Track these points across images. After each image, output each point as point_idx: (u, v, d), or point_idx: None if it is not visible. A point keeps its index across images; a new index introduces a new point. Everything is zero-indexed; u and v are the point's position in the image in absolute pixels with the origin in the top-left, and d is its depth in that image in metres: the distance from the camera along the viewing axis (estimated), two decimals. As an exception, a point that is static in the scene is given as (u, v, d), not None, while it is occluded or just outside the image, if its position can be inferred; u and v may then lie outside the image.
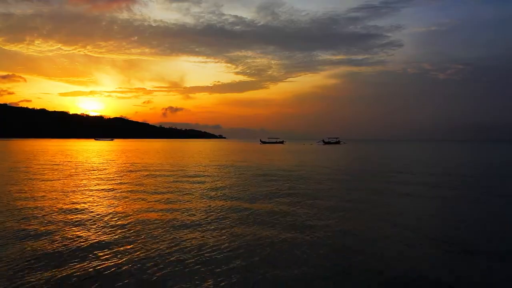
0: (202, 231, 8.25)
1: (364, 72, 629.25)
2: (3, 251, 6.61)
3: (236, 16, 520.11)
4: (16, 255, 6.41)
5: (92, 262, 6.19)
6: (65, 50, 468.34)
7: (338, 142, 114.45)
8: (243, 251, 6.90)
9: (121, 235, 7.83)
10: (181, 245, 7.18)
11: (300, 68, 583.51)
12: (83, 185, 15.98)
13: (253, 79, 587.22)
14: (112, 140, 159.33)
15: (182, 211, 10.46)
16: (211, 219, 9.48)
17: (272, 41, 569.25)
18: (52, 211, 10.26)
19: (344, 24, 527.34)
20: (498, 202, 13.11)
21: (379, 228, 8.95)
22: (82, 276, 5.60)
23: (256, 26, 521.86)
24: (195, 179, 18.68)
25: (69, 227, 8.47)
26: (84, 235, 7.80)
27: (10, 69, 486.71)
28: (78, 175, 20.18)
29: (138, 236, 7.77)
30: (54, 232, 7.98)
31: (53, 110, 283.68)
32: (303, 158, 39.23)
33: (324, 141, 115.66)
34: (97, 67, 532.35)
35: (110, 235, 7.82)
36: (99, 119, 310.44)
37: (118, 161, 31.85)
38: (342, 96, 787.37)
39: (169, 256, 6.53)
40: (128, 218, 9.45)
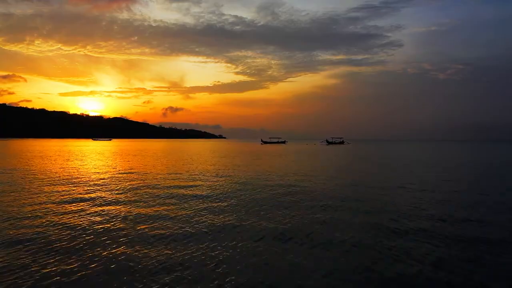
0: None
1: (364, 72, 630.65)
2: None
3: (236, 16, 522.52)
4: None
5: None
6: (65, 50, 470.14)
7: (342, 142, 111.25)
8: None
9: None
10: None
11: (300, 68, 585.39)
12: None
13: (253, 79, 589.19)
14: (110, 140, 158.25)
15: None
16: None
17: (272, 41, 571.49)
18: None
19: (344, 24, 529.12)
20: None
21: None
22: None
23: (256, 26, 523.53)
24: (173, 202, 12.23)
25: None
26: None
27: (10, 69, 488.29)
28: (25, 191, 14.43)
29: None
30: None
31: (53, 110, 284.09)
32: (314, 163, 33.10)
33: (328, 141, 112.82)
34: (97, 67, 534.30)
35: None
36: (99, 119, 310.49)
37: (99, 166, 26.92)
38: (342, 96, 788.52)
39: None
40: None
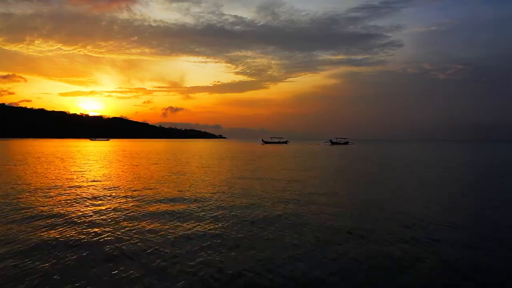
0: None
1: (364, 72, 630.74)
2: None
3: (236, 16, 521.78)
4: None
5: None
6: (65, 50, 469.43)
7: (347, 143, 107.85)
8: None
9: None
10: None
11: (300, 68, 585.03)
12: None
13: (253, 79, 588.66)
14: (108, 140, 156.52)
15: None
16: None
17: (272, 41, 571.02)
18: None
19: (344, 24, 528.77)
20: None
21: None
22: None
23: (256, 26, 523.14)
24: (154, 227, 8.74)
25: None
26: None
27: (11, 69, 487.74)
28: None
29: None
30: None
31: (52, 110, 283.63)
32: (329, 167, 27.29)
33: (332, 141, 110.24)
34: (97, 67, 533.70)
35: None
36: (99, 119, 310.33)
37: (72, 171, 22.27)
38: (342, 96, 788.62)
39: None
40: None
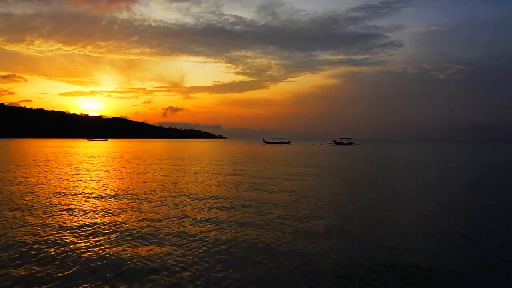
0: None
1: (364, 72, 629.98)
2: None
3: (236, 16, 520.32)
4: None
5: None
6: (65, 50, 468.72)
7: (351, 143, 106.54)
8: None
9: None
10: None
11: (300, 68, 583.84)
12: None
13: (253, 79, 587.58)
14: (106, 141, 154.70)
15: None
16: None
17: (272, 41, 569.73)
18: None
19: (344, 24, 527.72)
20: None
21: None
22: None
23: (256, 26, 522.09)
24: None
25: None
26: None
27: (11, 69, 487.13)
28: None
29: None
30: None
31: (51, 110, 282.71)
32: (346, 174, 22.65)
33: (336, 142, 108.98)
34: (97, 67, 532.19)
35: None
36: (98, 119, 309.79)
37: (48, 176, 19.40)
38: (342, 96, 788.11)
39: None
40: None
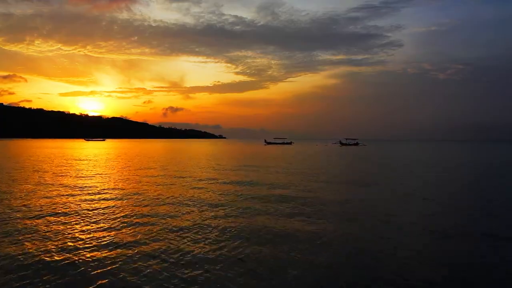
0: None
1: (364, 72, 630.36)
2: None
3: (236, 16, 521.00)
4: None
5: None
6: (65, 50, 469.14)
7: (357, 144, 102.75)
8: None
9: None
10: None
11: (300, 68, 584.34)
12: None
13: (253, 79, 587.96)
14: (104, 141, 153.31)
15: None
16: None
17: (272, 41, 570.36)
18: None
19: (344, 24, 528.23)
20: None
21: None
22: None
23: (256, 26, 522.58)
24: None
25: None
26: None
27: (11, 69, 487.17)
28: None
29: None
30: None
31: (51, 110, 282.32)
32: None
33: (341, 142, 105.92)
34: (97, 67, 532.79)
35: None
36: (98, 119, 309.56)
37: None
38: (342, 96, 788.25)
39: None
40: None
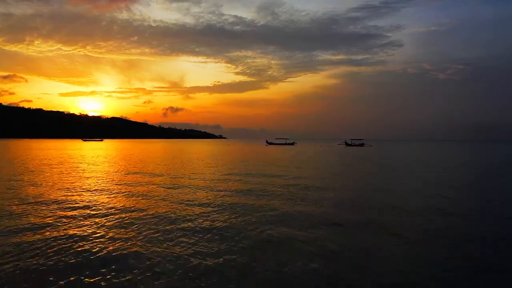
0: None
1: (364, 72, 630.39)
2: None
3: (236, 16, 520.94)
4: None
5: None
6: (65, 50, 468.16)
7: (362, 145, 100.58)
8: None
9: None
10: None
11: (300, 68, 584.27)
12: None
13: (253, 79, 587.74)
14: (102, 141, 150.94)
15: None
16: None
17: (272, 41, 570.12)
18: None
19: (344, 24, 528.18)
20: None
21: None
22: None
23: (256, 26, 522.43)
24: None
25: None
26: None
27: (11, 69, 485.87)
28: None
29: None
30: None
31: (50, 110, 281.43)
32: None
33: (347, 143, 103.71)
34: (97, 67, 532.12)
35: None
36: (97, 119, 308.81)
37: None
38: (342, 96, 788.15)
39: None
40: None
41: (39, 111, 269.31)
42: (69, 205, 11.47)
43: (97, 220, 9.49)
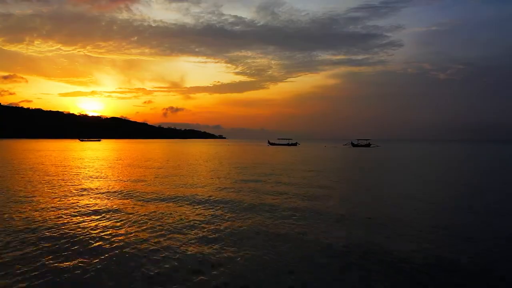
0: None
1: (364, 72, 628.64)
2: None
3: (236, 16, 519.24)
4: None
5: None
6: (65, 51, 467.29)
7: (369, 145, 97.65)
8: None
9: None
10: None
11: (300, 68, 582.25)
12: None
13: (253, 79, 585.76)
14: (99, 141, 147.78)
15: None
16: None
17: (272, 41, 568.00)
18: None
19: (344, 24, 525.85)
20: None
21: None
22: None
23: (256, 26, 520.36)
24: None
25: None
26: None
27: (11, 70, 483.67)
28: None
29: None
30: None
31: (49, 110, 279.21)
32: None
33: (353, 144, 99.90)
34: (97, 67, 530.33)
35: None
36: (97, 119, 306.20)
37: None
38: (342, 96, 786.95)
39: None
40: None
41: (38, 111, 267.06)
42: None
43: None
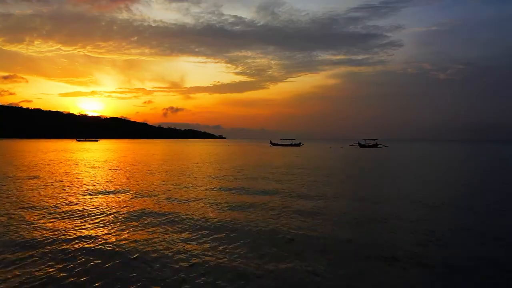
0: None
1: (364, 72, 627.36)
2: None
3: (236, 16, 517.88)
4: None
5: None
6: (65, 51, 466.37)
7: (376, 145, 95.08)
8: None
9: None
10: None
11: (300, 68, 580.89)
12: None
13: (253, 79, 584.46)
14: (97, 141, 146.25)
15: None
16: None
17: (272, 41, 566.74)
18: None
19: (344, 24, 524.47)
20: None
21: None
22: None
23: (256, 26, 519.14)
24: None
25: None
26: None
27: (11, 70, 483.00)
28: None
29: None
30: None
31: (48, 110, 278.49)
32: None
33: (360, 144, 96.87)
34: (97, 68, 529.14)
35: None
36: (96, 119, 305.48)
37: None
38: (342, 96, 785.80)
39: None
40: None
41: (38, 111, 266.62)
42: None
43: None
